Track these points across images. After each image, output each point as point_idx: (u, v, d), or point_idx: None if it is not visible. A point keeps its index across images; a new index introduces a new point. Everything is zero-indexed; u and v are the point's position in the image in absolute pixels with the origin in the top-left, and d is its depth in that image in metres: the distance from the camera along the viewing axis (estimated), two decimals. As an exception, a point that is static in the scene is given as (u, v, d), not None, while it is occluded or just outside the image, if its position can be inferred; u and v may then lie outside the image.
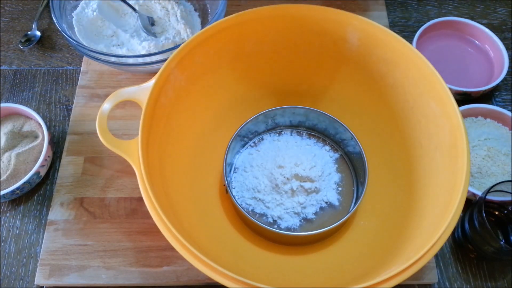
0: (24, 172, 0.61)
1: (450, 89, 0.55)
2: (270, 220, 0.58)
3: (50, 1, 0.67)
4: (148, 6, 0.75)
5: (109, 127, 0.50)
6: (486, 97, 0.71)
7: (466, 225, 0.55)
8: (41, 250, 0.58)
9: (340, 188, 0.60)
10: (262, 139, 0.64)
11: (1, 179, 0.60)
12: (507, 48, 0.71)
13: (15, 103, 0.68)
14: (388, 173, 0.59)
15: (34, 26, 0.79)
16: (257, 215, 0.58)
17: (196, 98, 0.59)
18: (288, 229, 0.57)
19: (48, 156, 0.63)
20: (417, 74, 0.54)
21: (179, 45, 0.55)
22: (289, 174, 0.57)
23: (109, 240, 0.59)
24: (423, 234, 0.47)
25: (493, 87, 0.68)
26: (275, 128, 0.65)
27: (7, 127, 0.64)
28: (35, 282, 0.56)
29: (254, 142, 0.64)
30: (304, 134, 0.65)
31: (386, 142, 0.60)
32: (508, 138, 0.64)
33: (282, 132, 0.65)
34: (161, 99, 0.52)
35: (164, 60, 0.59)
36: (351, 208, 0.58)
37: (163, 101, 0.53)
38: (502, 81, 0.69)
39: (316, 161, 0.59)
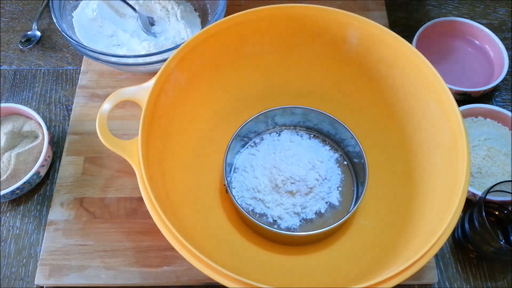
0: (24, 172, 0.61)
1: (450, 89, 0.55)
2: (270, 220, 0.58)
3: (50, 1, 0.67)
4: (148, 6, 0.75)
5: (109, 127, 0.50)
6: (486, 97, 0.71)
7: (466, 225, 0.55)
8: (41, 250, 0.58)
9: (340, 188, 0.60)
10: (262, 139, 0.64)
11: (1, 179, 0.60)
12: (507, 48, 0.71)
13: (15, 103, 0.68)
14: (388, 173, 0.59)
15: (34, 26, 0.79)
16: (257, 215, 0.58)
17: (196, 98, 0.59)
18: (288, 229, 0.57)
19: (48, 156, 0.63)
20: (417, 74, 0.54)
21: (179, 45, 0.55)
22: (289, 174, 0.57)
23: (109, 240, 0.59)
24: (423, 234, 0.47)
25: (493, 87, 0.68)
26: (275, 128, 0.65)
27: (7, 127, 0.64)
28: (35, 282, 0.56)
29: (254, 142, 0.64)
30: (304, 134, 0.65)
31: (386, 142, 0.60)
32: (508, 138, 0.64)
33: (282, 132, 0.65)
34: (161, 99, 0.52)
35: (164, 60, 0.59)
36: (351, 208, 0.58)
37: (163, 101, 0.53)
38: (502, 81, 0.69)
39: (316, 161, 0.59)
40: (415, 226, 0.51)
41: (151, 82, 0.51)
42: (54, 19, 0.66)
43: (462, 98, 0.68)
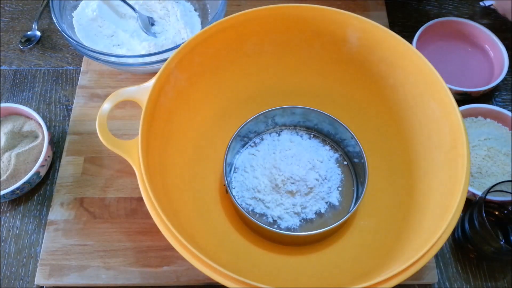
0: (24, 172, 0.61)
1: (450, 89, 0.55)
2: (270, 220, 0.58)
3: (50, 1, 0.67)
4: (148, 6, 0.75)
5: (109, 127, 0.50)
6: (486, 97, 0.71)
7: (466, 225, 0.55)
8: (41, 250, 0.58)
9: (340, 188, 0.60)
10: (262, 139, 0.64)
11: (1, 179, 0.60)
12: (507, 48, 0.71)
13: (15, 103, 0.68)
14: (388, 173, 0.59)
15: (34, 26, 0.79)
16: (257, 215, 0.58)
17: (196, 98, 0.59)
18: (288, 229, 0.57)
19: (48, 156, 0.63)
20: (417, 74, 0.54)
21: (179, 45, 0.55)
22: (289, 174, 0.57)
23: (109, 240, 0.59)
24: (423, 234, 0.47)
25: (493, 87, 0.68)
26: (275, 128, 0.65)
27: (7, 127, 0.64)
28: (35, 282, 0.56)
29: (254, 142, 0.64)
30: (304, 134, 0.65)
31: (386, 142, 0.60)
32: (508, 138, 0.64)
33: (282, 132, 0.65)
34: (161, 99, 0.52)
35: (164, 60, 0.59)
36: (351, 208, 0.58)
37: (163, 101, 0.53)
38: (502, 81, 0.69)
39: (316, 161, 0.59)
40: (415, 226, 0.51)
41: (151, 82, 0.51)
42: (54, 19, 0.66)
43: (462, 98, 0.68)
